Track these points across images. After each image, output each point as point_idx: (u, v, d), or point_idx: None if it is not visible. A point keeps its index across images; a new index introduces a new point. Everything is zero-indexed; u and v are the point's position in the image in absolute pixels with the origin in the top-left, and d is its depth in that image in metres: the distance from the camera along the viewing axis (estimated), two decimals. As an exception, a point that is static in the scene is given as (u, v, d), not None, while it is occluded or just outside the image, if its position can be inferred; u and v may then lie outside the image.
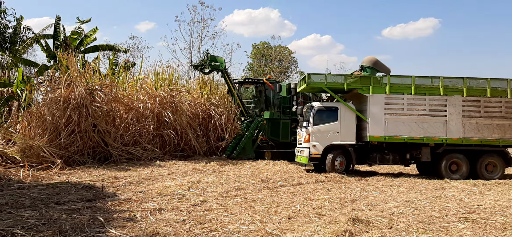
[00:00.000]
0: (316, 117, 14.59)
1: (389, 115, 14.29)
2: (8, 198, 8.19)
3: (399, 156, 14.54)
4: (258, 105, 20.12)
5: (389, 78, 14.54)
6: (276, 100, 20.04)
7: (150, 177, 11.65)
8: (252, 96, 20.75)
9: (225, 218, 7.43)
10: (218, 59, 18.72)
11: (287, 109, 20.05)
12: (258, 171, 13.78)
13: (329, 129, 14.50)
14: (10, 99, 16.69)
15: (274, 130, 19.47)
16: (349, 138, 14.46)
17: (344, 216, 7.60)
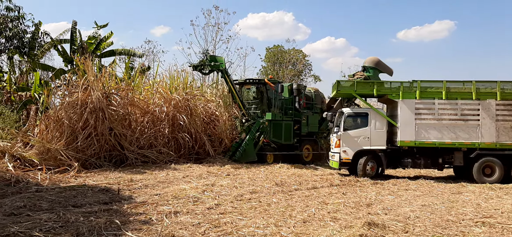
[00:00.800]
0: (346, 123, 14.78)
1: (420, 120, 14.19)
2: (26, 200, 8.33)
3: (431, 160, 14.43)
4: (260, 106, 19.50)
5: (419, 83, 14.38)
6: (278, 101, 19.46)
7: (165, 180, 11.73)
8: (253, 97, 20.01)
9: (240, 221, 7.45)
10: (218, 58, 18.16)
11: (289, 110, 19.57)
12: (272, 175, 13.77)
13: (359, 134, 14.61)
14: (28, 103, 16.99)
15: (276, 132, 18.87)
16: (380, 143, 14.51)
17: (360, 220, 7.56)
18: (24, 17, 15.57)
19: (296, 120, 19.56)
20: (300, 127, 19.70)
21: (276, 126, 18.79)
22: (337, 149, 14.72)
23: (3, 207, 7.83)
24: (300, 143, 19.66)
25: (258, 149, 18.04)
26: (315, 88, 22.49)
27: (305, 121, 19.83)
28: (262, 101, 19.48)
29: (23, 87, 18.15)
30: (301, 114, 19.72)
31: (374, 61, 20.58)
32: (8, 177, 10.42)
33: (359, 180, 13.48)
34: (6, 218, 7.14)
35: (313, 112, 20.43)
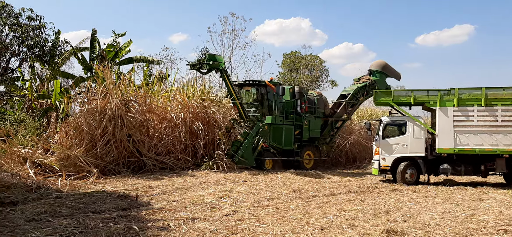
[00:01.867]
0: (385, 131, 15.03)
1: (458, 127, 14.12)
2: (47, 206, 8.45)
3: (472, 167, 14.32)
4: (260, 109, 18.42)
5: (457, 90, 14.27)
6: (279, 104, 18.49)
7: (183, 186, 11.79)
8: (253, 99, 18.94)
9: (257, 228, 7.44)
10: (217, 57, 17.09)
11: (291, 113, 18.71)
12: (289, 181, 13.72)
13: (397, 142, 14.79)
14: (48, 110, 17.27)
15: (276, 137, 17.93)
16: (418, 150, 14.57)
17: (378, 227, 7.48)
18: (45, 26, 15.89)
19: (297, 125, 18.82)
20: (301, 132, 18.92)
21: (276, 130, 17.96)
22: (376, 156, 15.01)
23: (24, 212, 7.97)
24: (301, 148, 18.87)
25: (257, 154, 17.22)
26: (318, 92, 21.85)
27: (306, 125, 19.06)
28: (262, 103, 18.56)
29: (44, 94, 18.47)
30: (302, 118, 18.96)
31: (380, 65, 20.31)
32: (29, 183, 10.59)
33: (377, 187, 13.34)
34: (28, 224, 7.27)
35: (315, 116, 19.62)
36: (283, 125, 18.12)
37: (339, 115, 20.38)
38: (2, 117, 17.03)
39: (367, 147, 21.88)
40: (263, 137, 17.35)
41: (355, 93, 20.34)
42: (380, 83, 20.20)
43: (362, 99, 20.78)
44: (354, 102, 20.50)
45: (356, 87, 20.50)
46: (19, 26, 15.51)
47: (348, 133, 21.75)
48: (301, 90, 19.06)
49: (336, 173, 17.67)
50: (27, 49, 15.40)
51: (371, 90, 20.12)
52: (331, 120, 20.21)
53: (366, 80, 20.39)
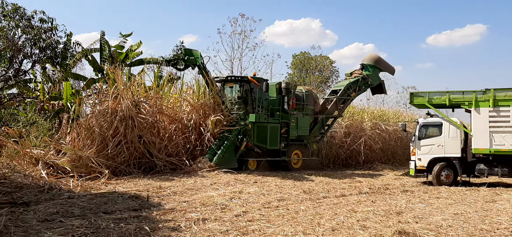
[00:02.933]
0: (421, 132, 15.14)
1: (495, 128, 14.10)
2: (59, 207, 8.52)
3: (508, 168, 14.20)
4: (243, 107, 17.50)
5: (492, 91, 14.23)
6: (264, 101, 17.52)
7: (193, 187, 11.82)
8: (237, 96, 17.87)
9: (268, 229, 7.43)
10: (193, 52, 16.11)
11: (276, 111, 17.76)
12: (300, 182, 13.70)
13: (433, 142, 14.88)
14: (60, 111, 17.43)
15: (260, 136, 16.98)
16: (454, 151, 14.59)
17: (390, 228, 7.44)
18: (57, 28, 16.04)
19: (284, 123, 17.93)
20: (288, 130, 18.06)
21: (260, 129, 17.02)
22: (413, 157, 15.14)
23: (37, 213, 8.03)
24: (288, 148, 18.07)
25: (240, 154, 16.43)
26: (308, 88, 21.01)
27: (294, 123, 18.20)
28: (246, 101, 17.52)
29: (55, 96, 18.63)
30: (289, 115, 18.12)
31: (373, 59, 19.88)
32: (41, 183, 10.68)
33: (388, 188, 13.25)
34: (40, 224, 7.33)
35: (304, 113, 18.76)
36: (268, 123, 17.25)
37: (330, 112, 19.74)
38: (14, 118, 17.23)
39: (378, 148, 21.71)
40: (246, 136, 16.56)
41: (346, 88, 19.78)
42: (373, 78, 19.89)
43: (354, 94, 20.15)
44: (346, 98, 19.89)
45: (347, 82, 19.98)
46: (31, 28, 15.65)
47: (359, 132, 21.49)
48: (288, 85, 18.08)
49: (346, 174, 17.53)
50: (39, 51, 15.55)
51: (363, 85, 20.01)
52: (321, 118, 19.52)
53: (358, 75, 19.90)
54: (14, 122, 16.58)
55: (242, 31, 33.69)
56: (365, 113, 23.18)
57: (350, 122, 21.51)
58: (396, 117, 25.66)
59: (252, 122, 16.60)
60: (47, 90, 19.36)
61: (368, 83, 19.98)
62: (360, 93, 20.55)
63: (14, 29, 15.88)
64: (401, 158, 23.15)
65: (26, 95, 19.62)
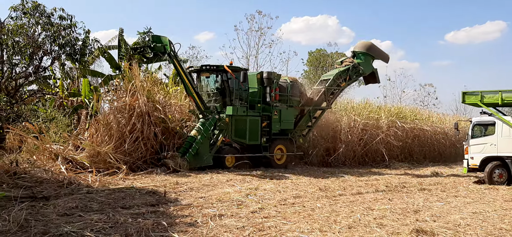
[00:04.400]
0: (474, 131, 15.01)
1: None
2: (78, 201, 8.65)
3: None
4: (221, 99, 16.11)
5: None
6: (244, 92, 16.24)
7: (210, 183, 11.88)
8: (216, 88, 16.49)
9: (284, 225, 7.43)
10: (162, 39, 14.58)
11: (258, 103, 16.46)
12: (316, 180, 13.66)
13: (486, 141, 14.73)
14: (79, 107, 17.68)
15: (239, 130, 15.80)
16: (507, 150, 14.38)
17: (407, 227, 7.38)
18: (76, 25, 16.27)
19: (265, 115, 16.63)
20: (270, 123, 16.77)
21: (238, 122, 15.82)
22: (466, 156, 14.98)
23: (56, 207, 8.17)
24: (270, 143, 16.81)
25: (216, 150, 15.27)
26: (293, 78, 19.47)
27: (276, 116, 16.84)
28: (223, 92, 16.15)
29: (74, 92, 18.92)
30: (272, 108, 16.72)
31: (365, 46, 18.77)
32: (61, 178, 10.86)
33: (405, 186, 13.12)
34: (60, 218, 7.45)
35: (288, 105, 17.36)
36: (247, 116, 16.02)
37: (318, 103, 18.50)
38: (34, 114, 17.53)
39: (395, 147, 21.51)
40: (223, 130, 15.39)
41: (336, 78, 18.50)
42: (365, 66, 18.76)
43: (344, 84, 18.86)
44: (335, 89, 18.63)
45: (337, 71, 18.70)
46: (51, 25, 15.87)
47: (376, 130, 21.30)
48: (269, 75, 16.71)
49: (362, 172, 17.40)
50: (58, 48, 15.79)
51: (354, 75, 18.84)
52: (308, 110, 18.19)
53: (349, 63, 18.66)
54: (34, 118, 16.88)
55: (259, 28, 33.70)
56: (382, 111, 22.95)
57: (366, 121, 21.33)
58: (414, 114, 25.38)
59: (229, 115, 15.45)
60: (66, 87, 19.64)
61: (359, 71, 18.77)
62: (351, 82, 19.60)
63: (34, 26, 16.15)
64: (418, 156, 22.92)
65: (45, 91, 19.94)
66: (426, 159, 23.19)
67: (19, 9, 16.00)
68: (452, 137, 25.44)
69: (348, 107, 22.18)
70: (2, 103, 15.92)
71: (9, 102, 16.39)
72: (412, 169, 19.29)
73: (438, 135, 24.71)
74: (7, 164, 11.46)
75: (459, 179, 15.63)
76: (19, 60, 15.94)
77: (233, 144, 16.02)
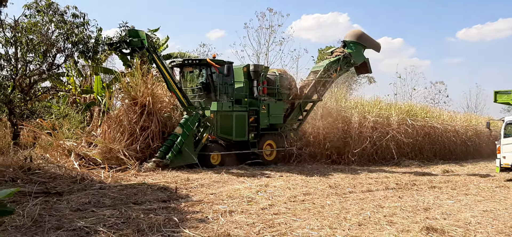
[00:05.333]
0: (506, 130, 14.96)
1: None
2: (91, 197, 8.79)
3: None
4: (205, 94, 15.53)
5: None
6: (229, 86, 15.62)
7: (220, 180, 11.98)
8: (201, 82, 15.84)
9: (293, 222, 7.50)
10: (139, 33, 13.90)
11: (245, 97, 15.92)
12: (326, 177, 13.69)
13: None
14: (91, 104, 17.88)
15: (225, 126, 15.26)
16: None
17: (417, 224, 7.40)
18: (88, 23, 16.43)
19: (253, 110, 16.10)
20: (258, 118, 16.22)
21: (224, 118, 15.26)
22: (498, 155, 14.92)
23: (70, 203, 8.32)
24: (259, 138, 16.25)
25: (201, 148, 14.55)
26: (282, 70, 19.05)
27: (265, 111, 16.31)
28: (208, 87, 15.56)
29: (87, 90, 19.11)
30: (259, 102, 16.21)
31: (356, 35, 18.09)
32: (74, 174, 11.02)
33: (415, 184, 13.10)
34: (73, 213, 7.59)
35: (277, 99, 16.80)
36: (232, 111, 15.49)
37: (308, 96, 17.90)
38: (48, 111, 17.76)
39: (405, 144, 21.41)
40: (207, 127, 14.71)
41: (326, 69, 17.78)
42: (356, 56, 18.04)
43: (335, 75, 18.09)
44: (326, 80, 17.92)
45: (327, 62, 18.05)
46: (64, 23, 16.04)
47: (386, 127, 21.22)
48: (256, 68, 16.17)
49: (372, 170, 17.38)
50: (71, 46, 15.97)
51: (345, 65, 18.17)
52: (299, 103, 17.72)
53: (340, 54, 17.94)
54: (48, 115, 17.10)
55: (269, 25, 33.69)
56: (393, 109, 22.85)
57: (376, 118, 21.25)
58: (424, 112, 25.23)
59: (214, 111, 14.93)
60: (78, 84, 19.86)
61: (351, 62, 18.07)
62: (342, 73, 18.91)
63: (48, 24, 16.32)
64: (429, 154, 22.80)
65: (59, 88, 20.18)
66: (436, 157, 23.06)
67: (32, 7, 16.20)
68: (463, 135, 25.27)
69: (359, 105, 22.11)
70: (17, 100, 16.14)
71: (23, 99, 16.62)
72: (423, 167, 19.22)
73: (448, 133, 24.53)
74: (22, 160, 11.66)
75: (470, 177, 15.55)
76: (33, 57, 16.13)
77: (219, 141, 15.40)
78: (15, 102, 15.85)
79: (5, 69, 15.95)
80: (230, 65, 15.32)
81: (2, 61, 15.77)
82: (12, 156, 12.26)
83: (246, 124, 15.87)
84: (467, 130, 25.90)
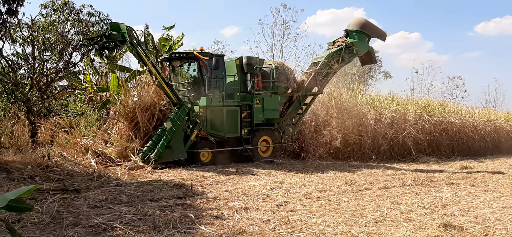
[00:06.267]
0: None
1: None
2: (107, 194, 8.88)
3: None
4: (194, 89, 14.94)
5: None
6: (220, 80, 14.87)
7: (235, 176, 12.00)
8: (190, 77, 15.22)
9: (309, 219, 7.46)
10: (120, 26, 13.26)
11: (237, 91, 15.21)
12: (341, 174, 13.60)
13: None
14: (107, 102, 18.04)
15: (215, 122, 14.58)
16: None
17: (435, 221, 7.29)
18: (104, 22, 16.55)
19: (246, 105, 15.41)
20: (252, 113, 15.50)
21: (214, 114, 14.57)
22: None
23: (87, 199, 8.41)
24: (253, 134, 15.57)
25: (190, 145, 14.01)
26: (279, 62, 18.21)
27: (259, 105, 15.55)
28: (197, 82, 14.93)
29: (103, 88, 19.31)
30: (253, 96, 15.47)
31: (359, 23, 17.13)
32: (91, 172, 11.15)
33: (433, 180, 12.93)
34: (90, 210, 7.68)
35: (272, 92, 16.04)
36: (223, 106, 14.75)
37: (308, 88, 17.11)
38: (65, 109, 17.97)
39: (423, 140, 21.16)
40: (197, 123, 14.10)
41: (327, 60, 16.98)
42: (359, 46, 17.14)
43: (336, 66, 17.26)
44: (327, 72, 17.11)
45: (328, 52, 17.20)
46: (80, 21, 16.18)
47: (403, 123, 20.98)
48: (249, 61, 15.32)
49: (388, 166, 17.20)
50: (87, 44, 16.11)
51: (348, 55, 17.29)
52: (297, 96, 16.92)
53: (342, 43, 17.07)
54: (65, 113, 17.30)
55: (284, 21, 33.58)
56: (409, 104, 22.59)
57: (393, 114, 21.02)
58: (442, 107, 24.89)
59: (203, 106, 14.28)
60: (95, 82, 20.05)
61: (353, 52, 17.22)
62: (344, 64, 17.93)
63: (64, 23, 16.48)
64: (446, 150, 22.49)
65: (75, 86, 20.40)
66: (454, 153, 22.72)
67: (49, 6, 16.38)
68: (482, 131, 24.86)
69: (375, 101, 21.91)
70: (34, 99, 16.35)
71: (40, 97, 16.82)
72: (440, 163, 18.96)
73: (466, 129, 24.14)
74: (40, 157, 11.83)
75: (489, 173, 15.29)
76: (50, 56, 16.31)
77: (209, 138, 14.64)
78: (32, 100, 16.05)
79: (22, 68, 16.17)
80: (219, 58, 14.78)
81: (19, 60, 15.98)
82: (31, 154, 12.44)
83: (238, 119, 15.18)
84: (485, 126, 25.44)
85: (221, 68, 14.86)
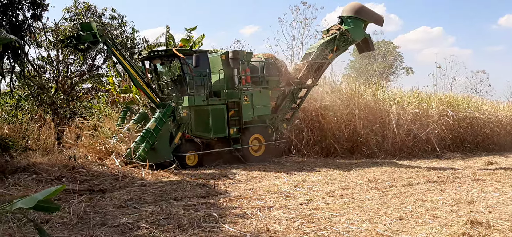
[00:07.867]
0: None
1: None
2: (132, 194, 9.02)
3: None
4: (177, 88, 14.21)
5: None
6: (204, 78, 14.02)
7: (257, 175, 12.03)
8: (175, 75, 14.48)
9: (333, 217, 7.43)
10: (91, 26, 12.62)
11: (223, 89, 14.42)
12: (364, 171, 13.50)
13: None
14: (130, 104, 18.29)
15: (200, 123, 13.80)
16: None
17: (461, 218, 7.17)
18: (126, 25, 16.85)
19: (233, 102, 14.48)
20: (240, 111, 14.54)
21: (199, 114, 13.81)
22: None
23: (113, 200, 8.55)
24: (242, 133, 14.68)
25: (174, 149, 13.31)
26: (270, 54, 16.82)
27: (248, 102, 14.58)
28: (179, 80, 14.20)
29: (125, 89, 19.57)
30: (240, 93, 14.51)
31: (354, 9, 15.88)
32: (116, 172, 11.33)
33: (458, 176, 12.72)
34: (116, 210, 7.81)
35: (262, 87, 15.07)
36: (208, 105, 13.92)
37: (302, 81, 16.21)
38: (89, 111, 18.30)
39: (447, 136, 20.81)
40: (181, 125, 13.47)
41: (321, 50, 15.86)
42: (355, 33, 15.96)
43: (331, 56, 16.06)
44: (322, 62, 15.95)
45: (321, 42, 16.07)
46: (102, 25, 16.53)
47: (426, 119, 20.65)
48: (235, 55, 14.31)
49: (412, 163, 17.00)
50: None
51: (342, 43, 16.12)
52: (290, 90, 15.94)
53: (336, 31, 15.89)
54: (89, 114, 17.61)
55: (303, 19, 33.46)
56: (432, 100, 22.24)
57: (415, 110, 20.72)
58: (466, 102, 24.42)
59: (186, 106, 13.54)
60: (117, 84, 20.35)
61: (349, 39, 16.04)
62: (340, 53, 16.58)
63: (87, 26, 16.81)
64: (471, 146, 22.08)
65: (99, 88, 20.75)
66: (479, 148, 22.27)
67: (72, 11, 16.76)
68: (507, 125, 24.30)
69: (397, 97, 21.65)
70: (59, 101, 16.72)
71: (65, 100, 17.19)
72: (465, 159, 18.62)
73: (492, 124, 23.63)
74: (66, 159, 12.08)
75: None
76: (74, 59, 16.68)
77: (195, 140, 13.83)
78: (58, 103, 16.41)
79: (47, 72, 16.55)
80: (200, 54, 13.91)
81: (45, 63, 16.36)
82: (57, 155, 12.70)
83: (225, 118, 14.28)
84: (511, 120, 24.88)
85: (204, 65, 14.00)
